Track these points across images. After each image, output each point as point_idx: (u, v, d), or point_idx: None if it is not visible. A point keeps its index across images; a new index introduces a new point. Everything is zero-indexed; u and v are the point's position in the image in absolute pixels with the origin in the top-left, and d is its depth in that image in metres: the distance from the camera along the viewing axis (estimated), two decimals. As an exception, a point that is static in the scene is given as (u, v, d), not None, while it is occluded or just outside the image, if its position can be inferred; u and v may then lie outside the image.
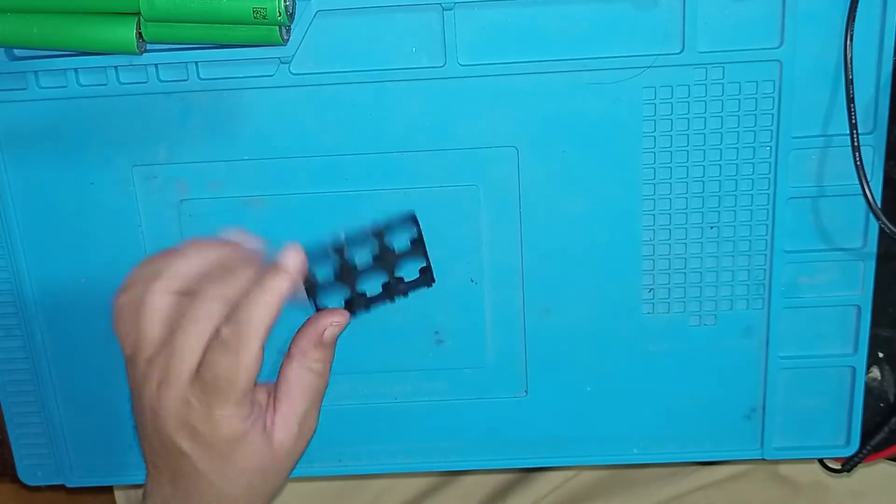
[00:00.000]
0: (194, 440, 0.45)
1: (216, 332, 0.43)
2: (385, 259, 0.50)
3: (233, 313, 0.44)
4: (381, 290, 0.50)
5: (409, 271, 0.51)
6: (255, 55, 0.48)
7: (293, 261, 0.45)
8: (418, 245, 0.50)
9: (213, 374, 0.43)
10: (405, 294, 0.50)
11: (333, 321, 0.48)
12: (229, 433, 0.45)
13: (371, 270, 0.50)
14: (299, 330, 0.48)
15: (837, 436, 0.56)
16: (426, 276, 0.50)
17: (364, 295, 0.51)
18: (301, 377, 0.48)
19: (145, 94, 0.49)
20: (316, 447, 0.55)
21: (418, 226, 0.49)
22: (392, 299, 0.50)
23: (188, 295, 0.44)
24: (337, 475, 0.59)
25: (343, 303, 0.51)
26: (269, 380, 0.48)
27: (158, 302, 0.45)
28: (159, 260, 0.47)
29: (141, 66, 0.49)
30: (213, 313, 0.44)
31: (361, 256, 0.50)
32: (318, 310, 0.51)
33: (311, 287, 0.51)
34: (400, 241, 0.50)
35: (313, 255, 0.49)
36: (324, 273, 0.51)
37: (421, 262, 0.50)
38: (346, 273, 0.49)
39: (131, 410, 0.50)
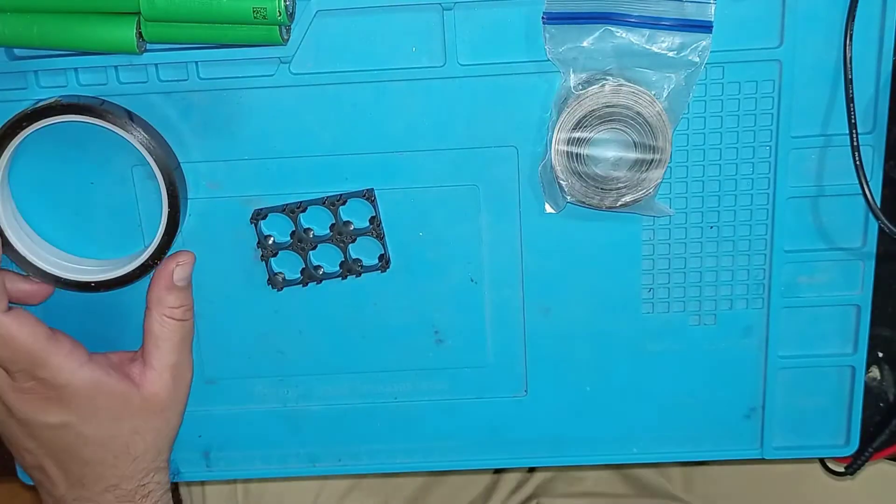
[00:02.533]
0: (57, 405, 0.46)
1: None
2: (341, 232, 0.50)
3: None
4: (337, 267, 0.51)
5: (366, 252, 0.51)
6: (255, 55, 0.48)
7: None
8: (376, 224, 0.50)
9: (7, 357, 0.46)
10: (358, 275, 0.50)
11: (179, 261, 0.49)
12: (78, 379, 0.46)
13: (327, 243, 0.50)
14: (150, 280, 0.49)
15: (837, 435, 0.56)
16: (382, 262, 0.51)
17: (319, 268, 0.51)
18: (163, 327, 0.49)
19: (145, 94, 0.49)
20: (316, 447, 0.56)
21: (375, 204, 0.50)
22: (344, 277, 0.51)
23: None
24: (337, 475, 0.59)
25: (299, 273, 0.51)
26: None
27: None
28: None
29: (141, 65, 0.49)
30: None
31: (318, 226, 0.51)
32: (272, 275, 0.52)
33: (267, 250, 0.51)
34: (358, 217, 0.50)
35: (272, 214, 0.49)
36: (280, 236, 0.51)
37: (378, 246, 0.50)
38: (301, 240, 0.49)
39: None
